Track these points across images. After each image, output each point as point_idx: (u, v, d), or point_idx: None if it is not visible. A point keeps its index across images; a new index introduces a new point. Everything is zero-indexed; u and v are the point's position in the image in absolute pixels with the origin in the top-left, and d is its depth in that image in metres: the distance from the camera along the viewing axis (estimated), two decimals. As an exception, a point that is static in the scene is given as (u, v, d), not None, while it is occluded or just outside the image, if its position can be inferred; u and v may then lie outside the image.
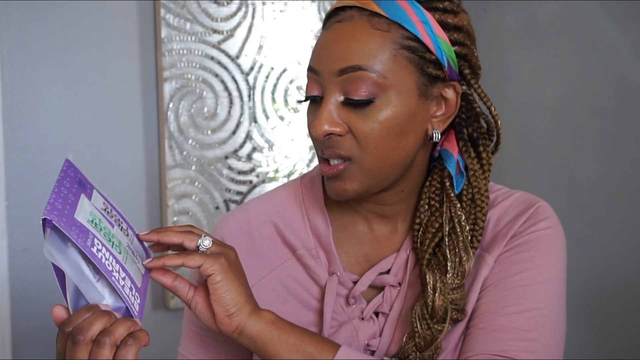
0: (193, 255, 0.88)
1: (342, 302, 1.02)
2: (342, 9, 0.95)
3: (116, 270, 0.83)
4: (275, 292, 1.04)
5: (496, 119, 1.01)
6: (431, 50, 0.93)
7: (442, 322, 0.94)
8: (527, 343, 0.92)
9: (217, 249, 0.90)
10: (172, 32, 2.04)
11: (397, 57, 0.92)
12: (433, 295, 0.95)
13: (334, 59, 0.93)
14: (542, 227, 0.98)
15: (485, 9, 2.23)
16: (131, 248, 0.89)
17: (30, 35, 1.94)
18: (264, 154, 2.15)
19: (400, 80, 0.92)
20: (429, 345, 0.95)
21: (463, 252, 0.96)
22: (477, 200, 0.98)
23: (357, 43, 0.92)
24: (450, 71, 0.95)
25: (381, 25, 0.92)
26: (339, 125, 0.93)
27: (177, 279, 0.90)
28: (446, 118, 0.98)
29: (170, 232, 0.90)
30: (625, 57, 1.83)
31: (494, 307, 0.95)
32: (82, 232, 0.81)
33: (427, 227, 1.00)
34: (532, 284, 0.95)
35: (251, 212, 1.07)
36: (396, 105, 0.92)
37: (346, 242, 1.05)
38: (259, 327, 0.89)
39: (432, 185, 1.01)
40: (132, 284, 0.85)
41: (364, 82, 0.91)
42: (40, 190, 1.96)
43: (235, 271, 0.90)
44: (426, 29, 0.93)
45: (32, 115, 1.95)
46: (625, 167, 1.84)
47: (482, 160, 1.00)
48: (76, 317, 0.81)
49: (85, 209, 0.85)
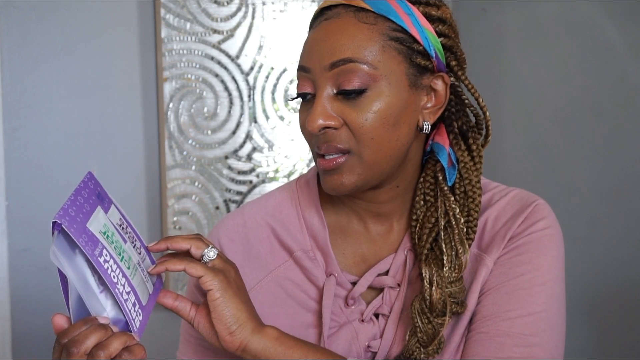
0: (196, 264, 0.88)
1: (340, 303, 1.02)
2: (328, 8, 0.97)
3: (121, 283, 0.83)
4: (273, 294, 1.03)
5: (484, 110, 1.02)
6: (418, 40, 0.95)
7: (442, 316, 0.94)
8: (530, 349, 0.93)
9: (220, 263, 0.91)
10: (172, 32, 2.04)
11: (385, 48, 0.93)
12: (430, 288, 0.95)
13: (324, 54, 0.94)
14: (540, 227, 0.98)
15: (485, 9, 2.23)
16: (141, 266, 0.89)
17: (30, 35, 1.94)
18: (264, 154, 2.15)
19: (391, 71, 0.94)
20: (432, 340, 0.95)
21: (459, 245, 0.96)
22: (468, 192, 0.99)
23: (346, 37, 0.93)
24: (438, 62, 0.97)
25: (368, 19, 0.94)
26: (333, 119, 0.94)
27: (178, 298, 0.91)
28: (436, 110, 0.99)
29: (179, 238, 0.91)
30: (625, 57, 1.83)
31: (496, 311, 0.95)
32: (92, 241, 0.82)
33: (424, 222, 1.00)
34: (533, 287, 0.95)
35: (247, 215, 1.08)
36: (388, 96, 0.93)
37: (343, 243, 1.05)
38: (263, 344, 0.90)
39: (426, 180, 1.02)
40: (137, 300, 0.85)
41: (356, 73, 0.92)
42: (40, 190, 1.96)
43: (235, 288, 0.90)
44: (412, 20, 0.95)
45: (32, 115, 1.95)
46: (625, 167, 1.84)
47: (472, 153, 1.01)
48: (73, 330, 0.82)
49: (100, 220, 0.85)
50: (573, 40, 1.97)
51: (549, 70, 2.04)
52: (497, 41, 2.20)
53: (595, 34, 1.90)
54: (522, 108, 2.14)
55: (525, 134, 2.13)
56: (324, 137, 0.95)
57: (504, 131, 2.19)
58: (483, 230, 1.01)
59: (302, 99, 0.98)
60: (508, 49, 2.17)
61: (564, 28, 1.99)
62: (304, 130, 0.98)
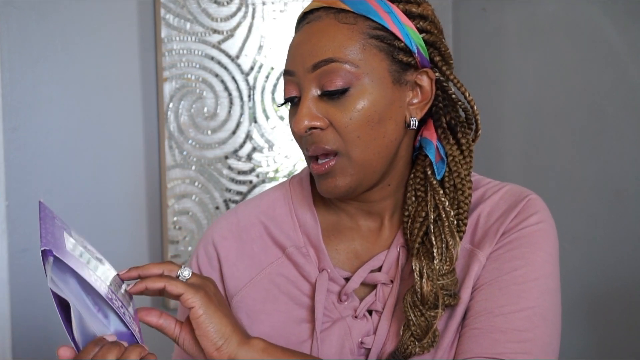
0: (176, 281, 0.88)
1: (334, 299, 1.02)
2: (310, 12, 0.99)
3: (114, 298, 0.84)
4: (266, 291, 1.04)
5: (472, 104, 1.02)
6: (399, 37, 0.96)
7: (435, 308, 0.94)
8: (523, 344, 0.93)
9: (197, 280, 0.91)
10: (172, 32, 2.05)
11: (366, 46, 0.95)
12: (420, 281, 0.95)
13: (306, 57, 0.96)
14: (533, 222, 0.98)
15: (485, 9, 2.23)
16: (116, 280, 0.89)
17: (30, 35, 1.94)
18: (264, 154, 2.15)
19: (373, 68, 0.95)
20: (426, 333, 0.95)
21: (449, 238, 0.96)
22: (457, 185, 0.99)
23: (327, 38, 0.95)
24: (420, 57, 0.98)
25: (348, 19, 0.96)
26: (319, 119, 0.95)
27: (162, 316, 0.91)
28: (423, 105, 1.00)
29: (150, 265, 0.91)
30: (625, 57, 1.83)
31: (489, 307, 0.95)
32: (78, 263, 0.82)
33: (415, 217, 1.00)
34: (526, 282, 0.95)
35: (241, 214, 1.09)
36: (372, 93, 0.95)
37: (335, 239, 1.06)
38: (250, 356, 0.90)
39: (416, 176, 1.02)
40: (127, 311, 0.86)
41: (338, 73, 0.94)
42: (40, 190, 1.96)
43: (216, 303, 0.90)
44: (392, 18, 0.96)
45: (32, 115, 1.95)
46: (625, 167, 1.84)
47: (461, 147, 1.01)
48: (86, 354, 0.82)
49: (72, 245, 0.85)
50: (573, 40, 1.97)
51: (549, 70, 2.04)
52: (497, 41, 2.20)
53: (595, 34, 1.90)
54: (522, 108, 2.14)
55: (525, 133, 2.13)
56: (310, 138, 0.96)
57: (504, 131, 2.19)
58: (476, 226, 1.01)
59: (290, 103, 1.00)
60: (508, 49, 2.17)
61: (564, 28, 1.99)
62: (294, 133, 0.99)
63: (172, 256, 2.08)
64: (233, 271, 1.06)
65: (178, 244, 2.08)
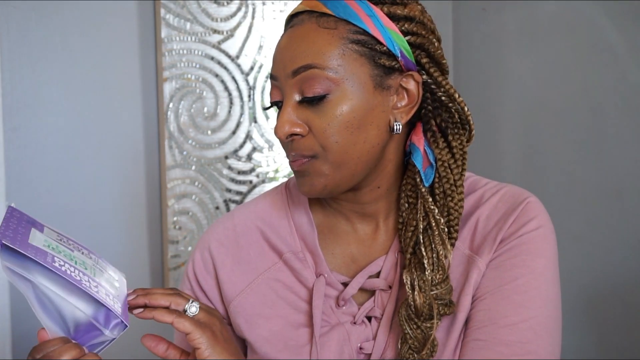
0: (184, 319, 0.88)
1: (331, 304, 1.02)
2: (295, 15, 0.98)
3: (85, 280, 0.83)
4: (264, 295, 1.04)
5: (462, 105, 0.99)
6: (381, 41, 0.94)
7: (430, 319, 0.94)
8: (528, 356, 0.92)
9: (204, 317, 0.90)
10: (172, 32, 2.05)
11: (346, 51, 0.93)
12: (413, 294, 0.94)
13: (287, 62, 0.95)
14: (532, 227, 0.97)
15: (485, 9, 2.23)
16: (98, 267, 0.89)
17: (30, 35, 1.94)
18: (264, 154, 2.15)
19: (353, 74, 0.93)
20: (423, 345, 0.94)
21: (440, 247, 0.95)
22: (447, 191, 0.97)
23: (306, 43, 0.94)
24: (405, 61, 0.96)
25: (329, 23, 0.94)
26: (299, 126, 0.95)
27: (170, 348, 0.91)
28: (409, 109, 0.98)
29: (157, 294, 0.90)
30: (625, 57, 1.83)
31: (492, 317, 0.94)
32: (40, 252, 0.82)
33: (407, 225, 0.99)
34: (528, 291, 0.94)
35: (237, 219, 1.09)
36: (352, 99, 0.93)
37: (331, 244, 1.05)
38: None
39: (407, 182, 1.01)
40: (108, 291, 0.86)
41: (317, 79, 0.93)
42: (40, 190, 1.96)
43: (222, 342, 0.90)
44: (374, 21, 0.94)
45: (32, 115, 1.95)
46: (625, 167, 1.84)
47: (453, 150, 0.99)
48: (48, 345, 0.82)
49: (39, 238, 0.85)
50: (573, 40, 1.97)
51: (549, 70, 2.04)
52: (497, 41, 2.20)
53: (595, 34, 1.90)
54: (522, 108, 2.14)
55: (525, 133, 2.13)
56: (291, 144, 0.96)
57: (504, 131, 2.19)
58: (475, 231, 1.00)
59: (276, 106, 1.00)
60: (508, 49, 2.17)
61: (564, 28, 1.99)
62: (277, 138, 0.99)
63: (172, 256, 2.08)
64: (230, 276, 1.05)
65: (178, 244, 2.08)
